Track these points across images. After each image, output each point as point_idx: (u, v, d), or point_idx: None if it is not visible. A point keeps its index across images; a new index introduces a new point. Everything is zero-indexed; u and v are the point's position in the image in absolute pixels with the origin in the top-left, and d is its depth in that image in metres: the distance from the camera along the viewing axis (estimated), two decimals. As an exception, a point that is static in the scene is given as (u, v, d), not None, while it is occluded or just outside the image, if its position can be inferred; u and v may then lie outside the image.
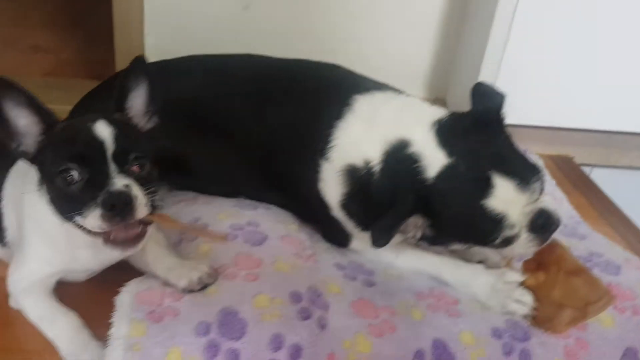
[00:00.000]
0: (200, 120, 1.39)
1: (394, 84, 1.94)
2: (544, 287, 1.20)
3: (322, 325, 1.08)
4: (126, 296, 1.09)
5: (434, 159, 1.13)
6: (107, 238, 0.96)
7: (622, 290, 1.27)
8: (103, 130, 0.95)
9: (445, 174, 1.12)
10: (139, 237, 0.97)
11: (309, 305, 1.10)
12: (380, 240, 1.11)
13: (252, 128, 1.34)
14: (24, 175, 1.08)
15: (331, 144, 1.24)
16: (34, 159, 0.99)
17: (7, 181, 1.14)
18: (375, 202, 1.17)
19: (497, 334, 1.15)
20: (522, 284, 1.21)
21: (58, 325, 1.05)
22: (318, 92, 1.32)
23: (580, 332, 1.18)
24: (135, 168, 0.96)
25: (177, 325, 1.03)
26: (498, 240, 1.13)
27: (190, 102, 1.39)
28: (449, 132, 1.17)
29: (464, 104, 1.82)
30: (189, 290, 1.09)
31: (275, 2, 1.88)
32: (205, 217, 1.31)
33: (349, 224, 1.28)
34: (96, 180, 0.92)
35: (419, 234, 1.17)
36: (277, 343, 1.03)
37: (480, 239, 1.14)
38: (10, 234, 1.14)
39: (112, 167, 0.93)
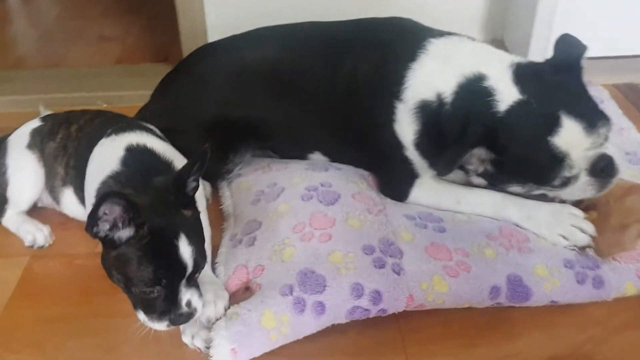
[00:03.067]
0: (278, 85, 1.47)
1: (449, 26, 1.96)
2: (599, 221, 1.23)
3: (398, 271, 1.16)
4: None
5: (507, 94, 1.18)
6: None
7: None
8: (185, 251, 1.02)
9: (516, 109, 1.17)
10: None
11: (382, 255, 1.18)
12: (445, 167, 1.19)
13: (330, 85, 1.41)
14: None
15: (405, 85, 1.29)
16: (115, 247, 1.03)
17: None
18: (447, 134, 1.22)
19: (569, 264, 1.20)
20: (580, 220, 1.25)
21: None
22: (392, 41, 1.37)
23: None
24: (197, 275, 1.07)
25: (263, 292, 1.13)
26: (557, 181, 1.16)
27: (266, 69, 1.47)
28: (525, 72, 1.21)
29: (522, 45, 1.83)
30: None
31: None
32: (281, 182, 1.40)
33: (422, 164, 1.34)
34: (169, 297, 1.03)
35: (481, 169, 1.22)
36: (358, 291, 1.12)
37: (540, 177, 1.18)
38: None
39: (183, 284, 1.04)
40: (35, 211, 1.47)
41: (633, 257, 1.21)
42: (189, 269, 1.03)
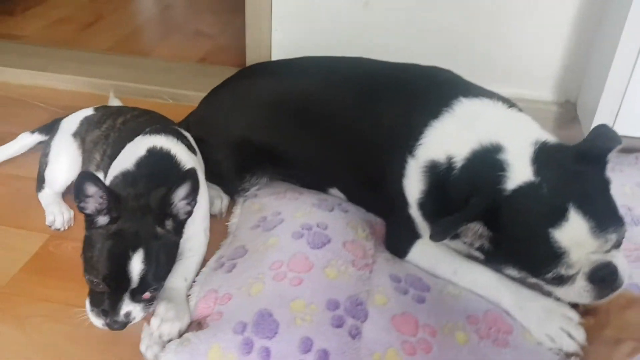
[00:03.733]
0: (306, 117, 1.48)
1: (520, 84, 1.87)
2: (595, 329, 1.13)
3: (354, 335, 1.13)
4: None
5: (519, 173, 1.11)
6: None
7: None
8: (135, 267, 1.07)
9: (525, 190, 1.10)
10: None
11: (344, 314, 1.15)
12: (439, 234, 1.13)
13: (356, 125, 1.40)
14: None
15: (420, 141, 1.26)
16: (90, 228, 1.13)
17: None
18: (450, 200, 1.18)
19: (542, 372, 1.10)
20: (575, 324, 1.15)
21: None
22: (422, 93, 1.34)
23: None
24: (146, 296, 1.11)
25: (219, 324, 1.15)
26: (550, 275, 1.08)
27: (300, 99, 1.50)
28: (547, 154, 1.14)
29: (590, 112, 1.70)
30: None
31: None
32: (285, 213, 1.42)
33: (424, 225, 1.29)
34: (110, 301, 1.08)
35: (477, 243, 1.15)
36: (306, 346, 1.10)
37: (534, 267, 1.11)
38: None
39: (127, 296, 1.08)
40: (70, 193, 1.59)
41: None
42: (133, 284, 1.07)
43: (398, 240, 1.36)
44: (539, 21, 1.80)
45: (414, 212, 1.29)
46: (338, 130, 1.43)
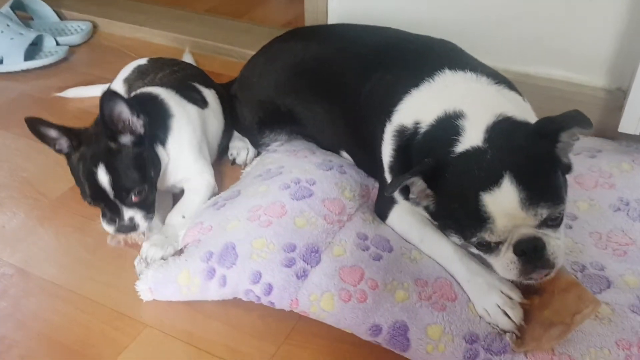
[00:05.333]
0: (321, 79, 1.59)
1: (569, 67, 1.82)
2: (537, 309, 1.14)
3: (300, 276, 1.24)
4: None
5: (470, 138, 1.15)
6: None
7: None
8: (103, 178, 1.30)
9: (469, 154, 1.13)
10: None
11: (297, 257, 1.27)
12: (389, 187, 1.20)
13: (359, 90, 1.48)
14: None
15: (397, 108, 1.32)
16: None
17: None
18: (413, 164, 1.23)
19: (471, 338, 1.15)
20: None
21: None
22: (417, 63, 1.39)
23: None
24: (135, 199, 1.33)
25: (193, 252, 1.32)
26: (475, 239, 1.11)
27: (316, 63, 1.61)
28: (505, 125, 1.15)
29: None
30: None
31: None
32: (286, 167, 1.54)
33: None
34: (111, 211, 1.35)
35: (424, 203, 1.20)
36: (255, 278, 1.25)
37: (462, 228, 1.14)
38: None
39: (118, 203, 1.33)
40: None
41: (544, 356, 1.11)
42: (110, 194, 1.31)
43: (381, 204, 1.43)
44: (594, 3, 1.72)
45: (387, 175, 1.35)
46: (344, 94, 1.51)
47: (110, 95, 1.31)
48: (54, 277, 1.41)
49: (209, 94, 1.69)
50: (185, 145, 1.52)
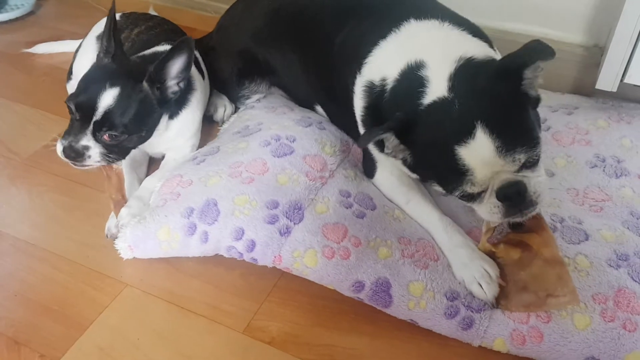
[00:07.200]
0: (296, 27, 1.55)
1: (547, 24, 1.80)
2: (515, 265, 1.15)
3: (283, 233, 1.24)
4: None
5: (436, 88, 1.12)
6: None
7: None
8: (105, 100, 1.23)
9: (437, 106, 1.11)
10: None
11: (280, 214, 1.26)
12: (360, 141, 1.20)
13: (330, 39, 1.44)
14: None
15: (366, 60, 1.29)
16: None
17: None
18: (385, 118, 1.20)
19: (451, 295, 1.16)
20: (494, 253, 1.18)
21: None
22: (386, 14, 1.35)
23: (540, 322, 1.11)
24: (106, 137, 1.26)
25: (172, 207, 1.29)
26: (458, 193, 1.11)
27: (292, 12, 1.56)
28: (467, 70, 1.13)
29: (625, 57, 1.62)
30: None
31: None
32: (265, 124, 1.52)
33: (371, 146, 1.34)
34: (76, 128, 1.26)
35: (400, 156, 1.18)
36: (238, 234, 1.24)
37: (442, 183, 1.14)
38: None
39: (90, 128, 1.24)
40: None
41: (521, 315, 1.13)
42: (97, 116, 1.23)
43: (366, 162, 1.42)
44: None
45: (361, 130, 1.33)
46: (318, 42, 1.47)
47: (192, 44, 1.28)
48: (28, 237, 1.38)
49: (198, 56, 1.63)
50: (191, 124, 1.49)
